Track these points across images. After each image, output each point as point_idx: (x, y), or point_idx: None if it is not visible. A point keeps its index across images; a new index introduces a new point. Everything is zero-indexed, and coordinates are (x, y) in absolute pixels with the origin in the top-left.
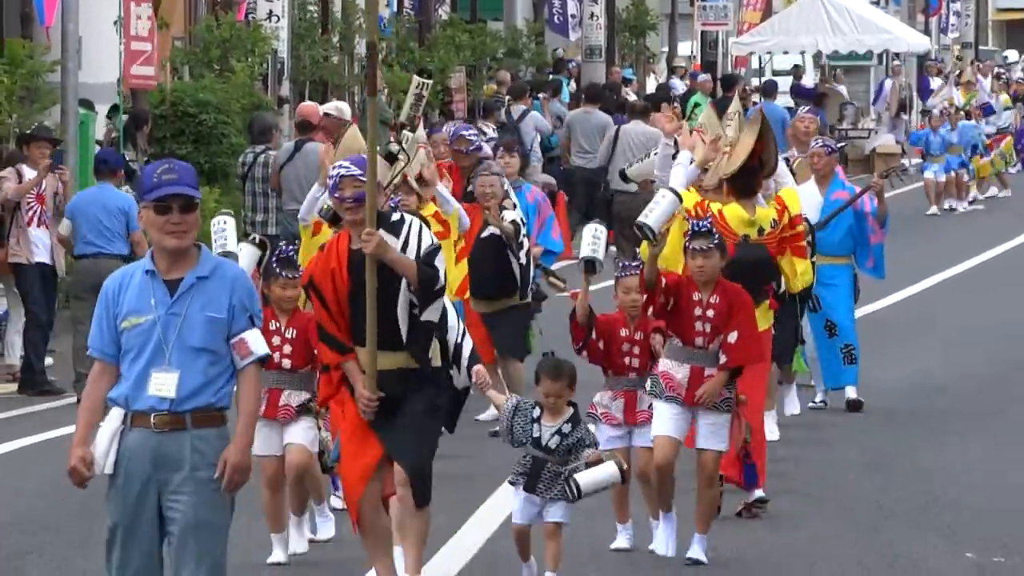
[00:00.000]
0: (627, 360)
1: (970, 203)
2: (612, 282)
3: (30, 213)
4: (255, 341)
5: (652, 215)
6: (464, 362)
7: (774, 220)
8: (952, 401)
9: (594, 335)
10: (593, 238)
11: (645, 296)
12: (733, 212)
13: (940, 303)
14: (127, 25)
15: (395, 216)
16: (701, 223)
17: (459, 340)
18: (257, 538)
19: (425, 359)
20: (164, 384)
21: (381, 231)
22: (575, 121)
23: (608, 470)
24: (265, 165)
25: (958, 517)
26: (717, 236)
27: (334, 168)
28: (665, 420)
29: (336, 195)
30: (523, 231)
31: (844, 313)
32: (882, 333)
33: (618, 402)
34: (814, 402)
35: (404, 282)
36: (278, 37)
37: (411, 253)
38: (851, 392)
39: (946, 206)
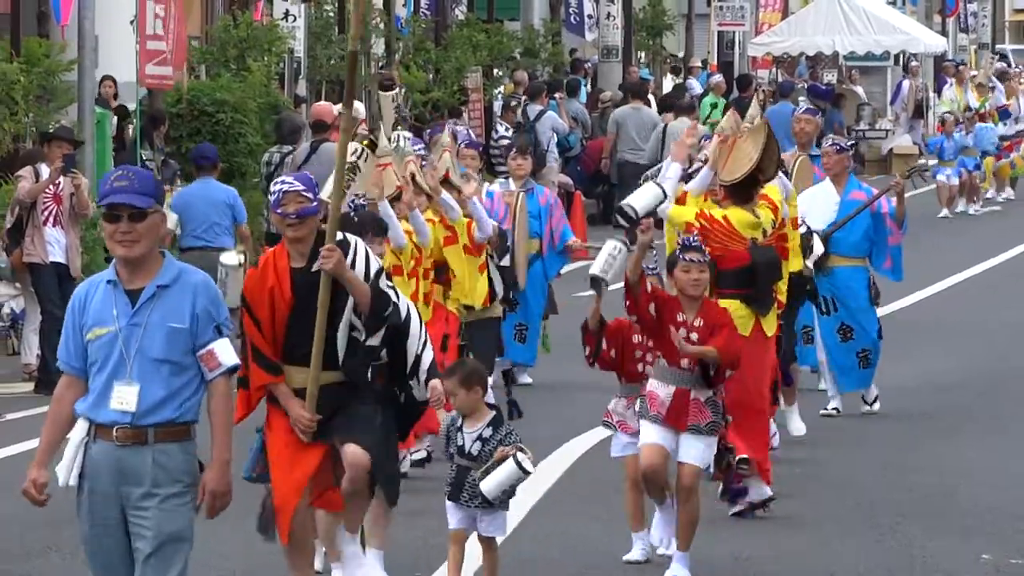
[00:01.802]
0: (640, 367)
1: (982, 205)
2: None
3: (46, 213)
4: (224, 352)
5: (636, 200)
6: (423, 375)
7: (772, 221)
8: (970, 402)
9: (604, 345)
10: (609, 255)
11: (627, 300)
12: (738, 216)
13: (956, 304)
14: (142, 24)
15: (338, 236)
16: (692, 236)
17: (419, 351)
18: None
19: (362, 381)
20: (125, 398)
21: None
22: (624, 117)
23: (507, 468)
24: (291, 166)
25: (976, 518)
26: (708, 253)
27: (275, 184)
28: (651, 433)
29: (279, 211)
30: (508, 240)
31: (863, 317)
32: (899, 334)
33: (632, 410)
34: (826, 409)
35: (350, 303)
36: (295, 36)
37: (359, 274)
38: (868, 393)
39: (959, 209)
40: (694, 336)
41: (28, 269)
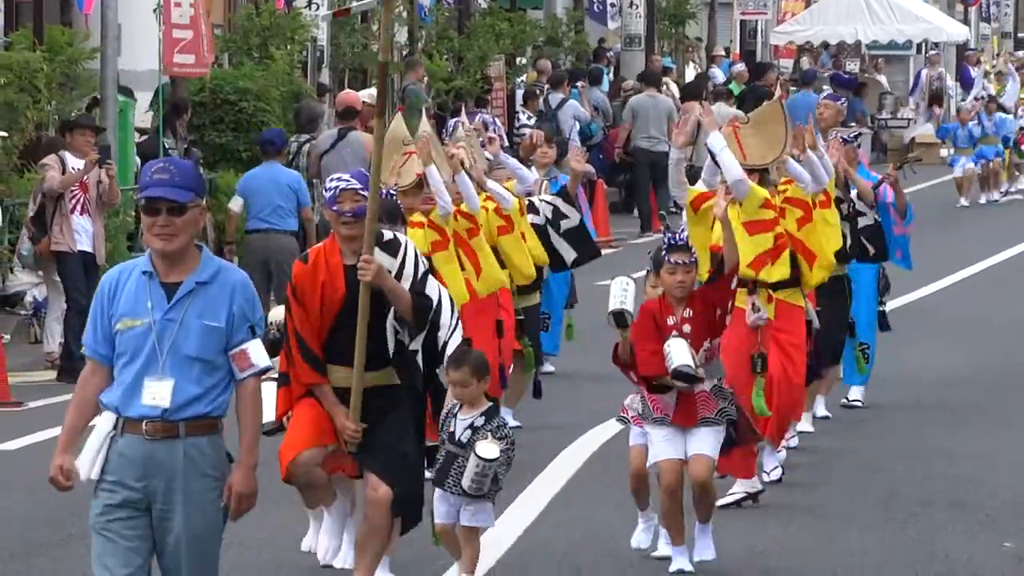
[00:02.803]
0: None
1: (1003, 194)
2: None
3: (73, 201)
4: (256, 353)
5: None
6: (446, 360)
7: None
8: (987, 392)
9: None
10: (621, 291)
11: (620, 368)
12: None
13: (973, 295)
14: (167, 12)
15: (387, 235)
16: (678, 236)
17: (447, 339)
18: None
19: (410, 378)
20: (158, 393)
21: (377, 250)
22: (640, 105)
23: (471, 459)
24: (309, 154)
25: (996, 507)
26: (695, 252)
27: (331, 180)
28: (661, 443)
29: (335, 208)
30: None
31: (864, 311)
32: (916, 325)
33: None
34: (846, 399)
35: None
36: (317, 25)
37: (407, 277)
38: (855, 393)
39: (982, 200)
40: (687, 328)
41: (55, 257)
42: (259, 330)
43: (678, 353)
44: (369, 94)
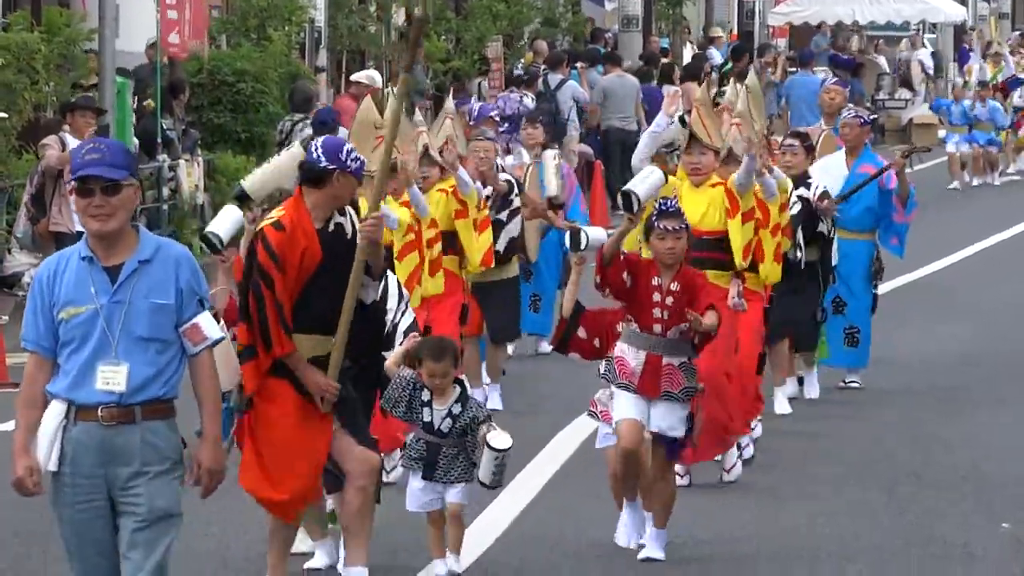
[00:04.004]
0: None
1: (1000, 175)
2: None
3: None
4: (208, 325)
5: (641, 186)
6: (399, 339)
7: None
8: (987, 374)
9: (584, 334)
10: (643, 177)
11: (598, 273)
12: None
13: (972, 276)
14: None
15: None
16: (670, 202)
17: (396, 320)
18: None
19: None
20: (113, 377)
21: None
22: (610, 86)
23: (485, 454)
24: (301, 134)
25: (995, 489)
26: (686, 220)
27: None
28: (624, 404)
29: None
30: (514, 192)
31: (858, 293)
32: (915, 306)
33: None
34: (844, 382)
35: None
36: (315, 6)
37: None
38: (853, 375)
39: (976, 183)
40: (669, 300)
41: (53, 238)
42: (207, 303)
43: (643, 178)
44: (367, 75)
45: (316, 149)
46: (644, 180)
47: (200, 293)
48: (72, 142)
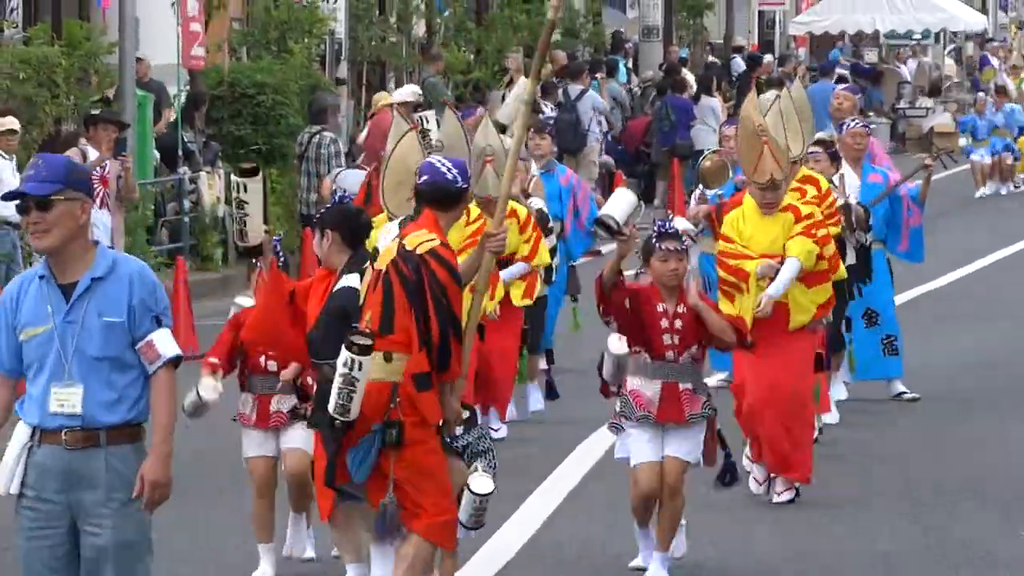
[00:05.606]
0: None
1: (1016, 187)
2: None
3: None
4: (163, 343)
5: (616, 209)
6: None
7: None
8: (1007, 380)
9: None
10: (618, 200)
11: (599, 302)
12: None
13: (992, 284)
14: (183, 6)
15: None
16: (667, 224)
17: None
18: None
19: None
20: (67, 399)
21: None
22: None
23: (465, 496)
24: (319, 146)
25: (1016, 495)
26: (686, 240)
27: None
28: (641, 447)
29: None
30: (549, 222)
31: (885, 302)
32: (935, 313)
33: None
34: (897, 395)
35: None
36: (336, 18)
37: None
38: (898, 385)
39: (991, 191)
40: (678, 324)
41: None
42: (165, 320)
43: (616, 202)
44: (411, 92)
45: (450, 170)
46: (617, 204)
47: (156, 310)
48: (93, 155)
